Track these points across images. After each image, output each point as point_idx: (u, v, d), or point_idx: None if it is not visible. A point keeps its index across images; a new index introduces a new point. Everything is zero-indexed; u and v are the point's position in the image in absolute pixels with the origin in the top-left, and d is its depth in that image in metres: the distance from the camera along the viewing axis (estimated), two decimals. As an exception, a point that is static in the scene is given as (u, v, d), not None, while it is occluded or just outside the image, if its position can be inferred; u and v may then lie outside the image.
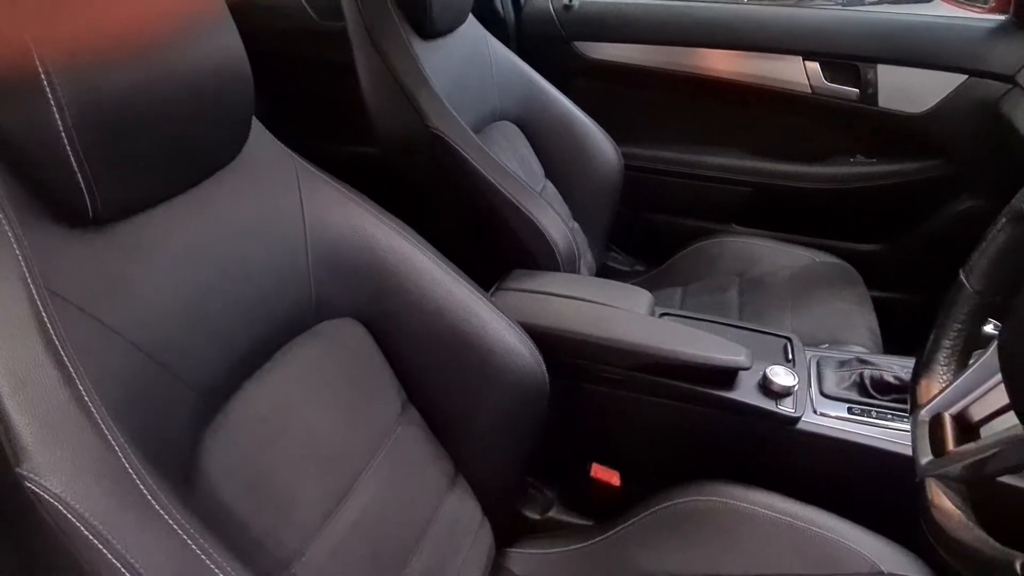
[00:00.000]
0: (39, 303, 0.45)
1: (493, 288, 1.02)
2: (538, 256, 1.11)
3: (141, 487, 0.44)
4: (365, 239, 0.75)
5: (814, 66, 1.48)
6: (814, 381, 0.92)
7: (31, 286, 0.45)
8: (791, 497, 0.83)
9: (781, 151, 1.57)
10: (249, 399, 0.63)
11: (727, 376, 0.88)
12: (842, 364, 0.94)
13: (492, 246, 1.13)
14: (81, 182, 0.49)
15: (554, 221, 1.12)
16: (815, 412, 0.87)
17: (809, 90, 1.49)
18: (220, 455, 0.58)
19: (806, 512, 0.80)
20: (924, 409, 0.61)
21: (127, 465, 0.44)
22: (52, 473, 0.41)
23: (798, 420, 0.85)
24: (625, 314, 0.95)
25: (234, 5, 0.62)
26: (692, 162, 1.62)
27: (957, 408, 0.59)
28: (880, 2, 2.13)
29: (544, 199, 1.15)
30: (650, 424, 0.95)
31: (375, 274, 0.75)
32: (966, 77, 1.36)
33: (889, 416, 0.85)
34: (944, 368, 0.62)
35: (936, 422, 0.60)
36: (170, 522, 0.44)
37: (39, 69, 0.45)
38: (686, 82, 1.58)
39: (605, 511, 0.92)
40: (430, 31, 1.16)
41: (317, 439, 0.67)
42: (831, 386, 0.90)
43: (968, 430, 0.58)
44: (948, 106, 1.39)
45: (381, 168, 1.16)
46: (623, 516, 0.87)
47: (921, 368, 0.64)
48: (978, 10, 1.83)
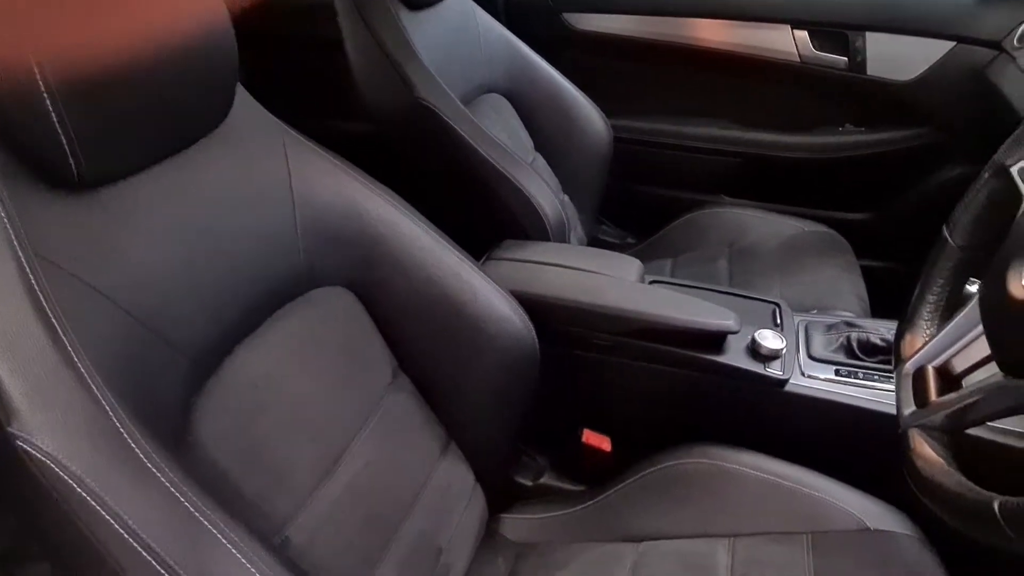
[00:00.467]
0: (27, 266, 0.45)
1: (483, 258, 1.02)
2: (528, 228, 1.11)
3: (133, 446, 0.44)
4: (354, 207, 0.75)
5: (803, 35, 1.47)
6: (802, 344, 0.93)
7: (18, 249, 0.45)
8: (779, 458, 0.84)
9: (770, 121, 1.56)
10: (240, 365, 0.63)
11: (716, 340, 0.89)
12: (829, 328, 0.95)
13: (482, 218, 1.13)
14: (64, 143, 0.49)
15: (544, 193, 1.12)
16: (803, 374, 0.88)
17: (798, 59, 1.49)
18: (212, 421, 0.59)
19: (794, 472, 0.82)
20: (908, 362, 0.63)
21: (119, 425, 0.44)
22: (43, 432, 0.41)
23: (786, 382, 0.86)
24: (615, 281, 0.96)
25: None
26: (681, 133, 1.62)
27: (940, 360, 0.60)
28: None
29: (534, 171, 1.15)
30: (641, 389, 0.96)
31: (365, 242, 0.75)
32: (954, 44, 1.36)
33: (875, 377, 0.86)
34: (927, 323, 0.63)
35: (919, 374, 0.61)
36: (163, 480, 0.44)
37: (21, 31, 0.45)
38: (674, 53, 1.57)
39: (597, 476, 0.93)
40: (417, 0, 1.15)
41: (308, 405, 0.68)
42: (818, 349, 0.91)
43: (951, 381, 0.59)
44: (936, 73, 1.39)
45: (372, 142, 1.16)
46: (614, 480, 0.88)
47: (905, 323, 0.65)
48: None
